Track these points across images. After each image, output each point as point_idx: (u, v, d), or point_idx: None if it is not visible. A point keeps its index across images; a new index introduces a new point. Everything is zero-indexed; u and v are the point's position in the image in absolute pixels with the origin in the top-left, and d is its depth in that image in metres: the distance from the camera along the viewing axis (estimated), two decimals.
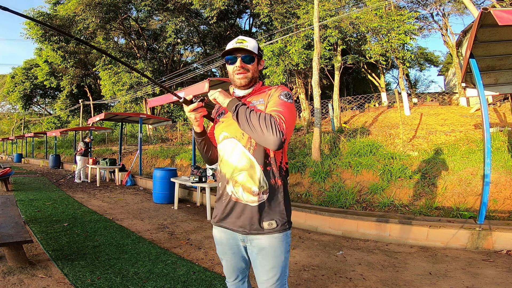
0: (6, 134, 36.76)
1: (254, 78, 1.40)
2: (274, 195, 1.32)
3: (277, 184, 1.33)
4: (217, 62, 16.78)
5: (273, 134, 1.15)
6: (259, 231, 1.30)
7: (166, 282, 2.56)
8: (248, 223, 1.31)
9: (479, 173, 4.73)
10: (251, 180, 1.29)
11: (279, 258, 1.31)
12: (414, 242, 3.69)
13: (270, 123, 1.16)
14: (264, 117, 1.18)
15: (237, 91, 1.42)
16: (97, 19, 16.66)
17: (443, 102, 11.71)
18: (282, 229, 1.31)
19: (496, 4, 10.06)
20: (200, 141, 1.47)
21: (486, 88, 4.54)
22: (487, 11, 2.73)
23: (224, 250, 1.43)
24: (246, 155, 1.31)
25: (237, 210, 1.33)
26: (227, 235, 1.39)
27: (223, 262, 1.48)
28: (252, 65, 1.37)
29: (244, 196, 1.31)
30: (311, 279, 2.71)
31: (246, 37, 1.39)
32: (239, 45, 1.33)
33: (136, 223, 4.62)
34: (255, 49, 1.36)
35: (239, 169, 1.32)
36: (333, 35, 9.46)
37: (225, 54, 1.37)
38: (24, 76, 27.40)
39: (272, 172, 1.32)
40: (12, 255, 2.70)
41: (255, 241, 1.32)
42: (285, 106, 1.27)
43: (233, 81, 1.40)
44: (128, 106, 20.13)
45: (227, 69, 1.42)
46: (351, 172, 5.72)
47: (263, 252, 1.31)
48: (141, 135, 9.61)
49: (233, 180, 1.33)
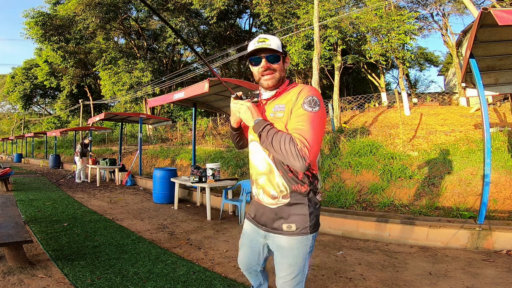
0: (6, 134, 36.77)
1: (282, 78, 1.34)
2: (297, 200, 1.31)
3: (301, 190, 1.31)
4: (217, 62, 16.78)
5: (295, 160, 1.15)
6: (278, 231, 1.33)
7: (166, 282, 2.56)
8: (268, 223, 1.37)
9: (479, 173, 4.73)
10: (270, 185, 1.33)
11: (297, 258, 1.33)
12: (414, 242, 3.69)
13: (291, 150, 1.14)
14: (285, 142, 1.16)
15: (264, 93, 1.38)
16: (97, 19, 16.67)
17: (443, 102, 11.71)
18: (302, 233, 1.30)
19: (496, 4, 10.06)
20: (234, 134, 1.52)
21: (486, 88, 4.54)
22: (487, 11, 2.73)
23: (244, 241, 1.53)
24: (266, 160, 1.33)
25: (259, 210, 1.41)
26: (252, 228, 1.47)
27: (239, 252, 1.57)
28: (278, 64, 1.32)
29: (264, 199, 1.36)
30: (311, 279, 2.71)
31: (268, 35, 1.32)
32: (261, 45, 1.27)
33: (136, 223, 4.62)
34: (279, 47, 1.30)
35: (260, 173, 1.36)
36: (333, 35, 9.47)
37: (248, 55, 1.33)
38: (24, 76, 27.40)
39: (294, 178, 1.30)
40: (12, 255, 2.70)
41: (275, 239, 1.36)
42: (309, 120, 1.20)
43: (260, 83, 1.35)
44: (128, 106, 20.14)
45: (252, 70, 1.37)
46: (351, 172, 5.72)
47: (282, 250, 1.34)
48: (141, 135, 9.61)
49: (256, 182, 1.40)
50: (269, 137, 1.20)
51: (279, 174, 1.30)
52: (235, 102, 1.32)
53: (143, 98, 18.17)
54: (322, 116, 1.24)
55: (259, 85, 1.40)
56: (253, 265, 1.53)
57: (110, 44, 19.28)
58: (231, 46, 18.98)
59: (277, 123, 1.27)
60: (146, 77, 17.27)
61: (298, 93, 1.26)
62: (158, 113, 20.41)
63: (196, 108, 6.94)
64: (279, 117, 1.28)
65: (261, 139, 1.24)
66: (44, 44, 18.69)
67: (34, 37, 17.79)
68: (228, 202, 5.00)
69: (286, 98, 1.30)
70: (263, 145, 1.25)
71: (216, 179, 5.17)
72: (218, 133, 13.72)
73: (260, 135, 1.24)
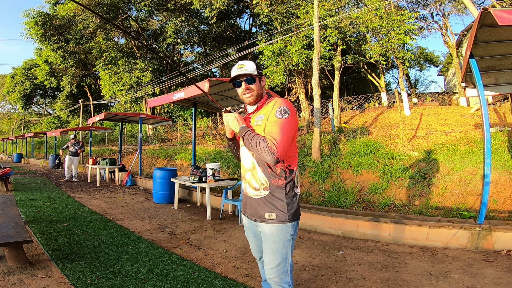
0: (6, 134, 36.75)
1: (260, 94, 1.66)
2: (275, 192, 1.57)
3: (278, 183, 1.57)
4: (217, 62, 16.78)
5: (267, 155, 1.45)
6: (262, 219, 1.59)
7: (166, 282, 2.56)
8: (254, 212, 1.64)
9: (479, 173, 4.73)
10: (254, 179, 1.63)
11: (278, 245, 1.56)
12: (414, 242, 3.69)
13: (263, 147, 1.46)
14: (259, 142, 1.48)
15: (248, 107, 1.72)
16: (97, 19, 16.65)
17: (443, 102, 11.70)
18: (282, 221, 1.55)
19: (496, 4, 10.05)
20: (231, 143, 1.82)
21: (486, 88, 4.54)
22: (487, 11, 2.73)
23: (248, 233, 1.80)
24: (251, 159, 1.65)
25: (247, 202, 1.70)
26: (246, 220, 1.76)
27: (249, 243, 1.84)
28: (255, 84, 1.63)
29: (249, 191, 1.67)
30: (311, 279, 2.71)
31: (245, 61, 1.64)
32: (240, 71, 1.60)
33: (136, 223, 4.62)
34: (255, 71, 1.61)
35: (246, 169, 1.68)
36: (333, 35, 9.45)
37: (231, 80, 1.65)
38: (24, 76, 27.36)
39: (273, 173, 1.58)
40: (12, 255, 2.70)
41: (261, 227, 1.62)
42: (279, 125, 1.49)
43: (243, 100, 1.67)
44: (128, 106, 20.12)
45: (237, 91, 1.69)
46: (351, 172, 5.72)
47: (265, 236, 1.60)
48: (141, 135, 9.61)
49: (244, 178, 1.71)
50: (248, 138, 1.52)
51: (260, 170, 1.60)
52: (226, 115, 1.65)
53: (143, 98, 18.16)
54: (292, 121, 1.52)
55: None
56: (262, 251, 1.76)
57: (110, 44, 19.25)
58: (231, 46, 18.97)
59: (258, 129, 1.58)
60: (146, 77, 17.26)
61: (273, 104, 1.56)
62: (158, 113, 20.40)
63: (196, 108, 6.94)
64: (260, 124, 1.58)
65: (244, 141, 1.55)
66: (44, 44, 18.66)
67: (34, 37, 17.76)
68: (228, 202, 5.00)
69: (265, 110, 1.60)
70: (246, 145, 1.55)
71: (216, 179, 5.17)
72: (218, 133, 13.73)
73: (244, 138, 1.55)
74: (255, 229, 1.72)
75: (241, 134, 1.57)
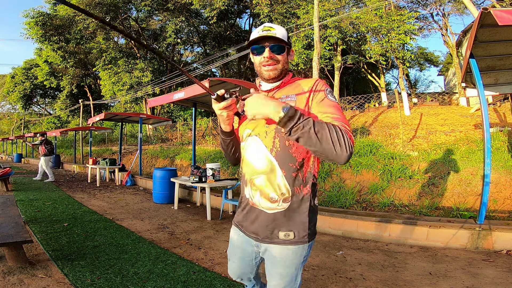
0: (6, 134, 36.76)
1: (285, 70, 1.22)
2: (298, 204, 1.17)
3: (303, 192, 1.17)
4: (217, 62, 16.78)
5: (344, 150, 0.95)
6: (272, 240, 1.19)
7: (166, 282, 2.56)
8: (261, 231, 1.21)
9: (479, 173, 4.73)
10: (270, 186, 1.16)
11: (290, 269, 1.20)
12: (414, 242, 3.69)
13: (343, 139, 0.96)
14: (334, 132, 0.96)
15: (264, 84, 1.26)
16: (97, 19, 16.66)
17: (443, 102, 11.71)
18: (299, 242, 1.17)
19: (496, 4, 10.06)
20: (228, 141, 1.31)
21: (486, 88, 4.54)
22: (487, 11, 2.73)
23: (233, 252, 1.37)
24: (267, 157, 1.16)
25: (251, 215, 1.24)
26: (240, 238, 1.31)
27: (230, 262, 1.42)
28: (282, 55, 1.19)
29: (261, 202, 1.19)
30: (311, 279, 2.71)
31: (274, 24, 1.21)
32: (266, 33, 1.14)
33: (136, 223, 4.62)
34: (285, 37, 1.18)
35: (258, 172, 1.19)
36: (333, 35, 9.47)
37: (250, 43, 1.20)
38: (24, 76, 27.40)
39: (298, 178, 1.16)
40: (12, 255, 2.70)
41: (267, 249, 1.23)
42: (339, 109, 1.09)
43: (260, 73, 1.22)
44: (128, 106, 20.14)
45: (253, 60, 1.24)
46: (351, 172, 5.72)
47: (272, 260, 1.22)
48: (141, 135, 9.61)
49: (251, 183, 1.22)
50: (315, 127, 0.96)
51: (282, 174, 1.15)
52: (250, 97, 1.05)
53: (143, 98, 18.17)
54: None
55: (256, 81, 1.31)
56: (246, 274, 1.42)
57: (110, 44, 19.28)
58: (231, 46, 18.97)
59: None
60: (146, 77, 17.28)
61: (313, 84, 1.17)
62: (158, 113, 20.40)
63: (196, 108, 6.95)
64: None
65: (297, 132, 0.96)
66: (44, 44, 18.69)
67: (34, 37, 17.79)
68: (228, 202, 5.00)
69: (295, 90, 1.19)
70: (304, 138, 0.97)
71: (216, 179, 5.17)
72: (218, 133, 13.72)
73: (299, 128, 0.96)
74: (251, 250, 1.30)
75: (293, 122, 0.96)
